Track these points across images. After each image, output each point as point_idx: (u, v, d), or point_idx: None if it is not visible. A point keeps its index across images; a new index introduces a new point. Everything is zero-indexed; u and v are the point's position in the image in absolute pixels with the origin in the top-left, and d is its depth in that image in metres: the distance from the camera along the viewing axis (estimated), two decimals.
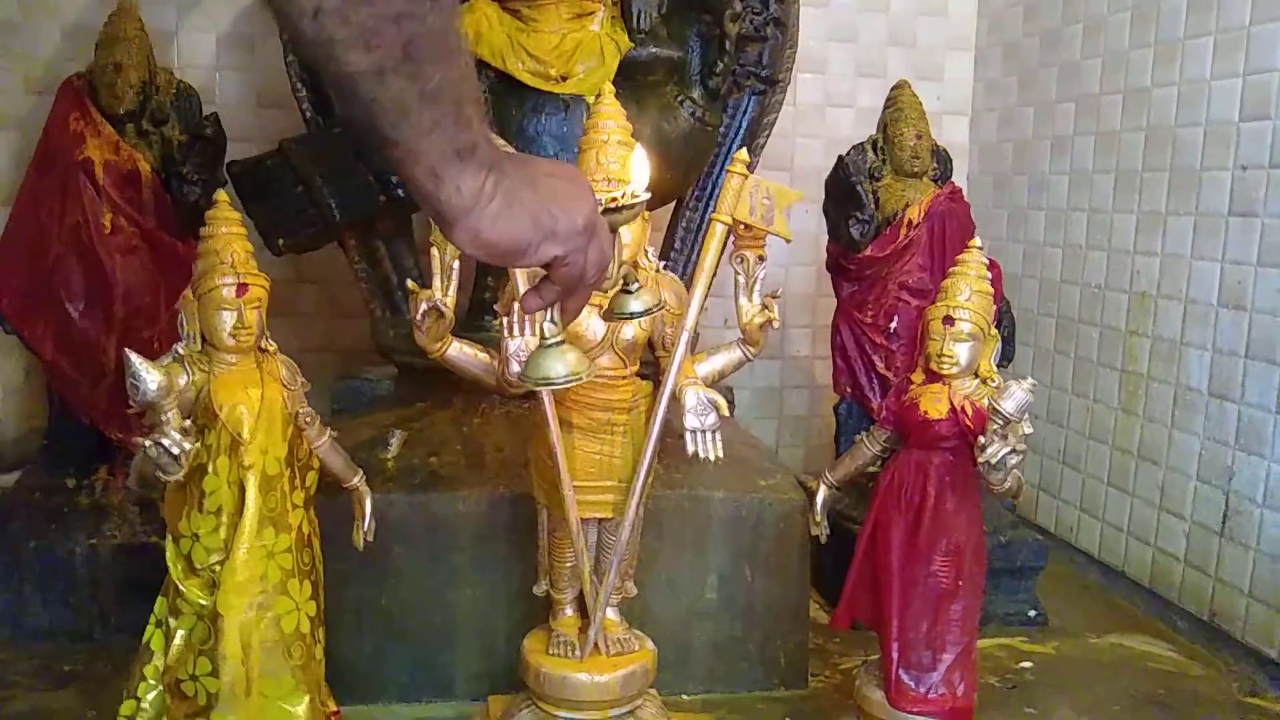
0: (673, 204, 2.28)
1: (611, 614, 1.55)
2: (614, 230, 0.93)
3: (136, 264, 2.01)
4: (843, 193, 2.32)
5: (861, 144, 2.37)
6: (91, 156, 1.97)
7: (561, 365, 0.91)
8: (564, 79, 1.93)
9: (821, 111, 2.98)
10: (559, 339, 0.92)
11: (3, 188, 2.44)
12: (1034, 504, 2.77)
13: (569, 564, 1.52)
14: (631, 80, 1.96)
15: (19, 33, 2.51)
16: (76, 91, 2.01)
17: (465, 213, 0.73)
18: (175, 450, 1.25)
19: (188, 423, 1.30)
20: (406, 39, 0.63)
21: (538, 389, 0.94)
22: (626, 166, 1.42)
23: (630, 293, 1.05)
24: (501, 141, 0.87)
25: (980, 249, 1.54)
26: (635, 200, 0.95)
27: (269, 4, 0.63)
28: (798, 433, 3.11)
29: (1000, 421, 1.39)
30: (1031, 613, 2.24)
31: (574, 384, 0.94)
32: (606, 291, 1.15)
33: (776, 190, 1.44)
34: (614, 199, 0.93)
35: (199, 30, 2.62)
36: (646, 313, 1.06)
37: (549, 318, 0.91)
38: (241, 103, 2.63)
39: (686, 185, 2.19)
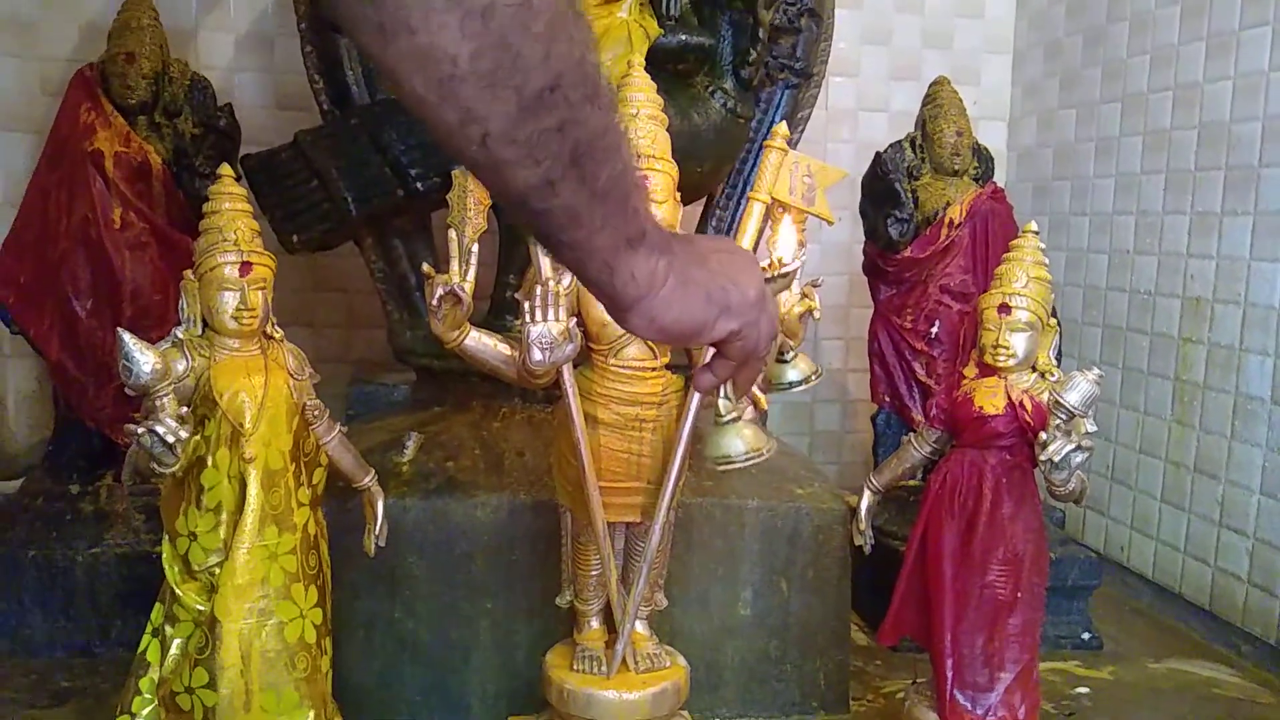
0: (702, 201, 2.19)
1: (640, 627, 1.44)
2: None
3: (145, 260, 1.94)
4: (880, 191, 2.22)
5: (899, 141, 2.27)
6: (101, 148, 1.91)
7: (740, 442, 0.93)
8: None
9: (854, 115, 2.89)
10: (735, 415, 0.93)
11: (18, 189, 2.39)
12: (1082, 523, 2.63)
13: (594, 572, 1.42)
14: (661, 69, 1.87)
15: (36, 31, 2.46)
16: (88, 81, 1.95)
17: (640, 299, 0.72)
18: (170, 439, 1.15)
19: (185, 410, 1.21)
20: (572, 146, 0.62)
21: (718, 469, 0.93)
22: (656, 142, 1.34)
23: (786, 361, 1.03)
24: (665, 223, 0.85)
25: (1036, 233, 1.43)
26: (786, 269, 0.96)
27: (439, 141, 0.61)
28: (830, 449, 2.99)
29: (1063, 416, 1.28)
30: (1085, 635, 2.10)
31: (755, 462, 0.94)
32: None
33: (819, 168, 1.34)
34: (773, 269, 0.94)
35: (218, 31, 2.57)
36: (804, 382, 1.05)
37: (723, 394, 0.91)
38: (260, 104, 2.57)
39: (716, 180, 2.10)
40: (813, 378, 1.03)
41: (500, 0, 0.55)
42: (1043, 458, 1.29)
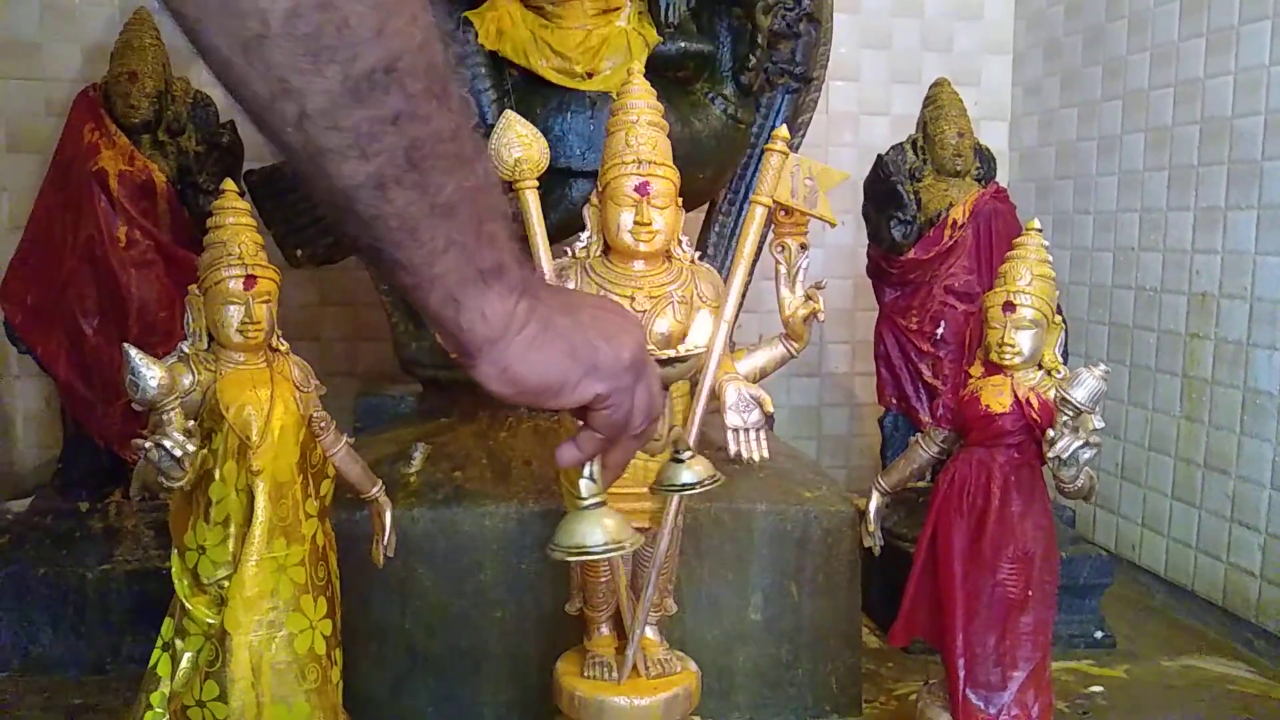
0: (704, 208, 2.19)
1: (651, 633, 1.43)
2: (665, 386, 0.81)
3: (151, 278, 1.95)
4: (883, 193, 2.22)
5: (901, 144, 2.28)
6: (106, 168, 1.91)
7: (600, 532, 0.78)
8: (590, 76, 1.85)
9: (855, 119, 2.89)
10: (598, 499, 0.79)
11: (25, 211, 2.40)
12: (1092, 522, 2.62)
13: (604, 579, 1.41)
14: (660, 76, 1.87)
15: (40, 53, 2.48)
16: (91, 102, 1.96)
17: (491, 344, 0.63)
18: (178, 452, 1.16)
19: (191, 424, 1.21)
20: (409, 143, 0.54)
21: (568, 559, 0.80)
22: (657, 148, 1.34)
23: (681, 461, 0.92)
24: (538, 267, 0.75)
25: (1039, 231, 1.43)
26: (691, 353, 0.85)
27: (250, 117, 0.53)
28: (838, 453, 2.99)
29: (1070, 413, 1.27)
30: (1098, 634, 2.09)
31: (614, 554, 0.80)
32: (653, 455, 1.01)
33: (820, 170, 1.34)
34: (666, 353, 0.83)
35: None
36: (699, 485, 0.93)
37: (587, 474, 0.77)
38: None
39: (718, 187, 2.10)
40: (707, 481, 0.93)
41: None
42: (1050, 455, 1.29)
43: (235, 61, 0.50)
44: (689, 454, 0.93)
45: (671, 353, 0.83)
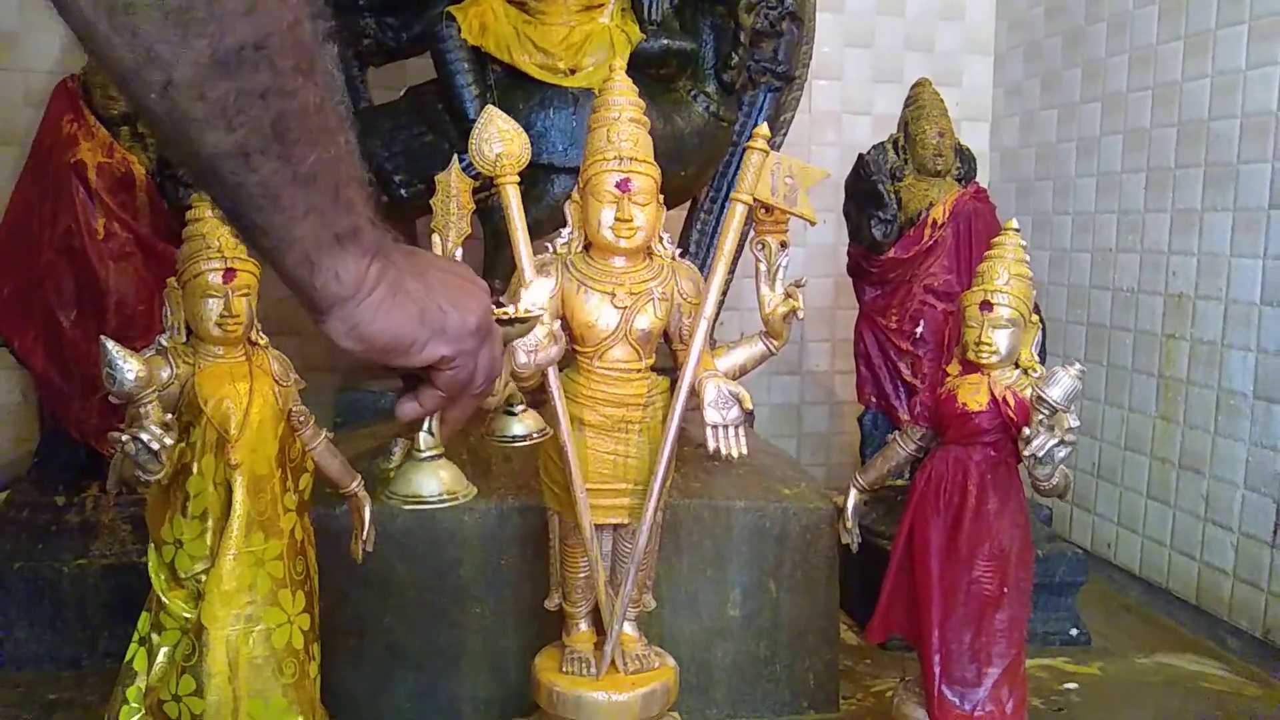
0: (686, 205, 2.20)
1: (629, 628, 1.44)
2: (504, 344, 0.84)
3: (130, 271, 1.93)
4: (863, 192, 2.24)
5: (882, 143, 2.29)
6: (84, 159, 1.90)
7: (435, 483, 0.82)
8: (573, 72, 1.86)
9: (838, 118, 2.90)
10: (436, 452, 0.82)
11: (2, 203, 2.38)
12: (1068, 520, 2.64)
13: (582, 574, 1.42)
14: (643, 74, 1.88)
15: (18, 43, 2.45)
16: (70, 93, 1.95)
17: (343, 302, 0.65)
18: (155, 445, 1.15)
19: (169, 417, 1.20)
20: (275, 117, 0.56)
21: (408, 509, 0.84)
22: (639, 145, 1.34)
23: (514, 414, 0.96)
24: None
25: (1018, 231, 1.44)
26: (529, 315, 0.87)
27: (116, 83, 0.54)
28: (819, 450, 3.00)
29: (1046, 411, 1.29)
30: (1073, 631, 2.11)
31: (448, 506, 0.84)
32: (490, 408, 1.04)
33: (800, 168, 1.35)
34: (506, 312, 0.85)
35: None
36: (528, 438, 0.97)
37: (426, 428, 0.81)
38: None
39: (700, 185, 2.11)
40: (535, 435, 0.98)
41: None
42: (1026, 453, 1.30)
43: (99, 26, 0.51)
44: (521, 407, 0.98)
45: (511, 312, 0.86)
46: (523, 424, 0.97)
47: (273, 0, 0.53)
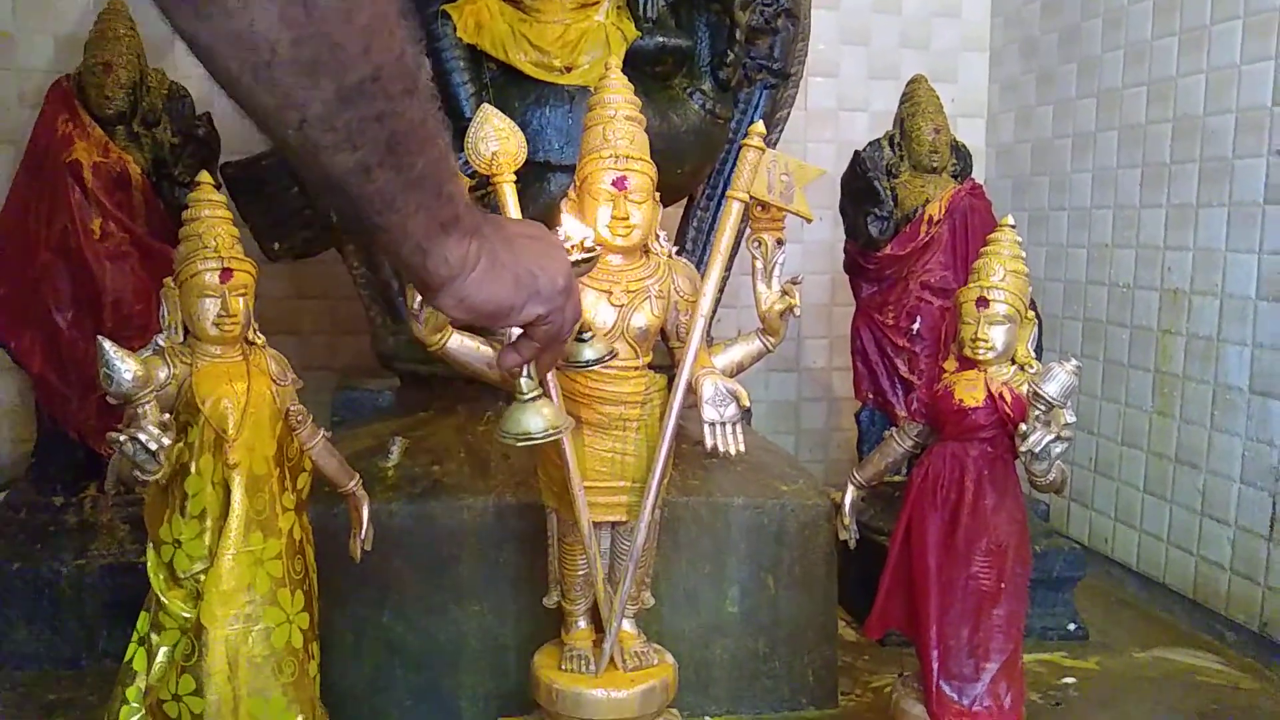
0: (683, 203, 2.20)
1: (628, 625, 1.44)
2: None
3: (126, 270, 1.94)
4: (860, 189, 2.24)
5: (878, 140, 2.29)
6: (80, 159, 1.90)
7: (539, 420, 0.93)
8: (569, 70, 1.85)
9: (834, 115, 2.91)
10: (536, 393, 0.94)
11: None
12: (1066, 515, 2.65)
13: (581, 572, 1.42)
14: (639, 72, 1.87)
15: (13, 43, 2.45)
16: (65, 93, 1.95)
17: (452, 280, 0.75)
18: (153, 445, 1.15)
19: (167, 417, 1.20)
20: (389, 135, 0.64)
21: (517, 445, 0.96)
22: (635, 143, 1.34)
23: (584, 340, 1.05)
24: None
25: (1013, 227, 1.45)
26: (590, 254, 0.97)
27: (255, 121, 0.61)
28: (817, 447, 3.00)
29: (1042, 407, 1.29)
30: (1071, 626, 2.12)
31: (554, 439, 0.96)
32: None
33: (796, 166, 1.35)
34: (579, 256, 0.95)
35: None
36: (599, 361, 1.07)
37: (525, 373, 0.93)
38: (239, 112, 2.56)
39: (696, 182, 2.11)
40: (606, 357, 1.09)
41: None
42: (1023, 449, 1.30)
43: (244, 80, 0.58)
44: (590, 335, 1.07)
45: (578, 256, 0.96)
46: (593, 349, 1.06)
47: (384, 37, 0.60)
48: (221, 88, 0.59)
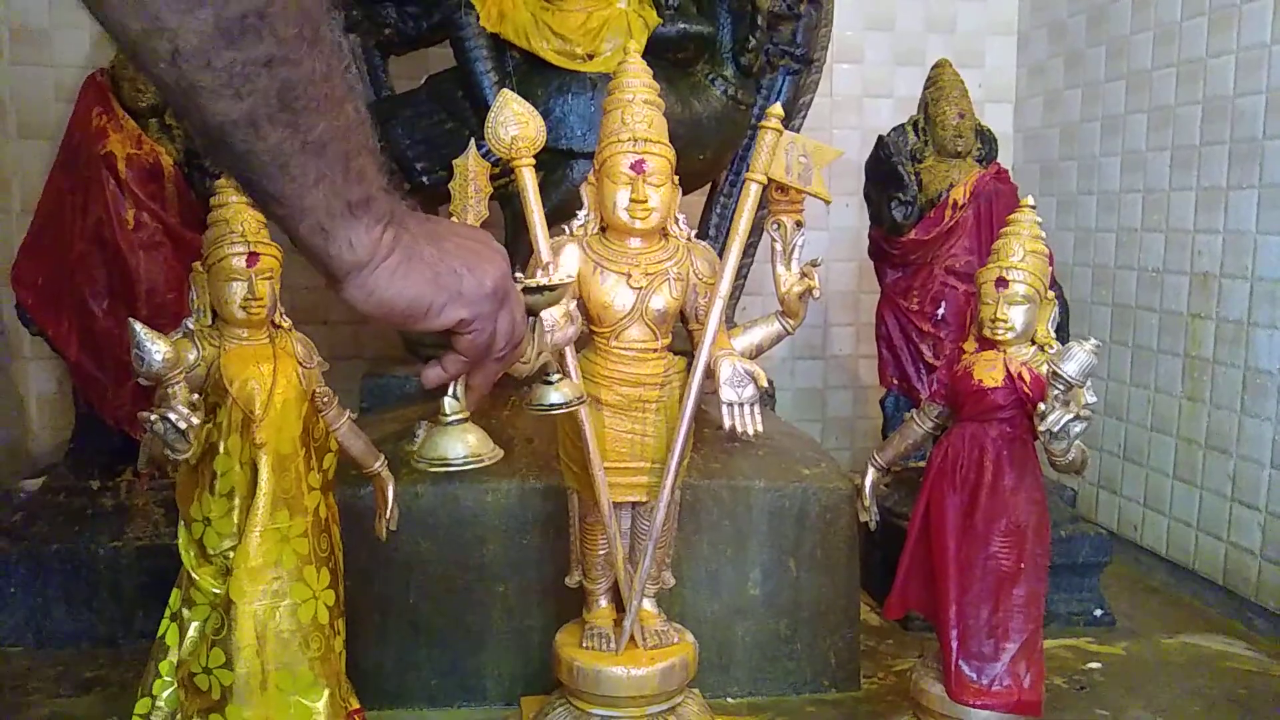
0: (705, 190, 2.20)
1: (648, 604, 1.46)
2: (534, 313, 0.86)
3: (159, 260, 1.98)
4: (884, 174, 2.23)
5: (902, 125, 2.28)
6: (114, 151, 1.94)
7: (461, 446, 0.84)
8: (591, 57, 1.87)
9: (859, 102, 2.90)
10: (460, 416, 0.84)
11: (36, 195, 2.43)
12: (1094, 502, 2.63)
13: (602, 552, 1.44)
14: (661, 58, 1.89)
15: (50, 40, 2.51)
16: (99, 86, 1.99)
17: (358, 268, 0.67)
18: (182, 425, 1.18)
19: (196, 397, 1.24)
20: (280, 85, 0.57)
21: (434, 471, 0.86)
22: (653, 126, 1.35)
23: (550, 383, 0.97)
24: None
25: (1033, 208, 1.44)
26: (559, 283, 0.88)
27: (122, 49, 0.56)
28: (843, 435, 3.00)
29: (1061, 386, 1.29)
30: (1098, 612, 2.11)
31: (474, 468, 0.85)
32: (519, 377, 1.05)
33: (814, 147, 1.35)
34: (537, 280, 0.86)
35: None
36: (566, 406, 0.99)
37: (451, 393, 0.83)
38: None
39: (719, 168, 2.11)
40: (574, 401, 0.99)
41: None
42: (1042, 428, 1.30)
43: None
44: (557, 376, 0.98)
45: (541, 280, 0.86)
46: (559, 392, 0.97)
47: None
48: (85, 6, 0.54)
